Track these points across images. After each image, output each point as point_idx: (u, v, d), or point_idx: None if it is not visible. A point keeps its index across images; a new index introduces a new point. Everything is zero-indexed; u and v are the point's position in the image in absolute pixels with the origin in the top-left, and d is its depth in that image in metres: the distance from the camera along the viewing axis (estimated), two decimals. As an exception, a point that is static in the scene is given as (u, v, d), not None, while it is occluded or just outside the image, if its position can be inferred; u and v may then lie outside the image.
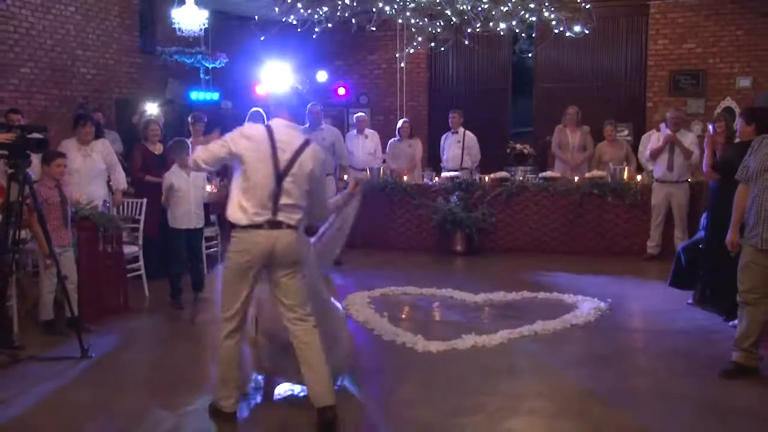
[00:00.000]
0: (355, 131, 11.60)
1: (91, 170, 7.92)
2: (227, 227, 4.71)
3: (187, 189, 7.47)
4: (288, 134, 4.54)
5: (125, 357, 6.09)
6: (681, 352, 5.99)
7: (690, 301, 7.38)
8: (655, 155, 9.35)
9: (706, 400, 4.91)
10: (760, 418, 4.65)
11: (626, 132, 12.62)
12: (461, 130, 11.30)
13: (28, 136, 5.87)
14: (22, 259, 6.60)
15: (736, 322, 5.66)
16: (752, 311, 5.27)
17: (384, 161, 11.49)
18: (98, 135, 8.32)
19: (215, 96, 13.37)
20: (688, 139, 9.38)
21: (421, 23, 11.43)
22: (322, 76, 14.24)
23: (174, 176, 7.50)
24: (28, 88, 10.38)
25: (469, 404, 4.83)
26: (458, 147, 11.23)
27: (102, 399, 5.03)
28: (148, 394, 5.13)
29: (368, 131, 11.59)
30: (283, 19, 11.20)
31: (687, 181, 9.42)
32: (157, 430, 4.57)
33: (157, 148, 8.71)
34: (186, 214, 7.50)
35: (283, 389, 5.13)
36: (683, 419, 4.63)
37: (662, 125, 9.63)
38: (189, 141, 7.87)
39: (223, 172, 8.33)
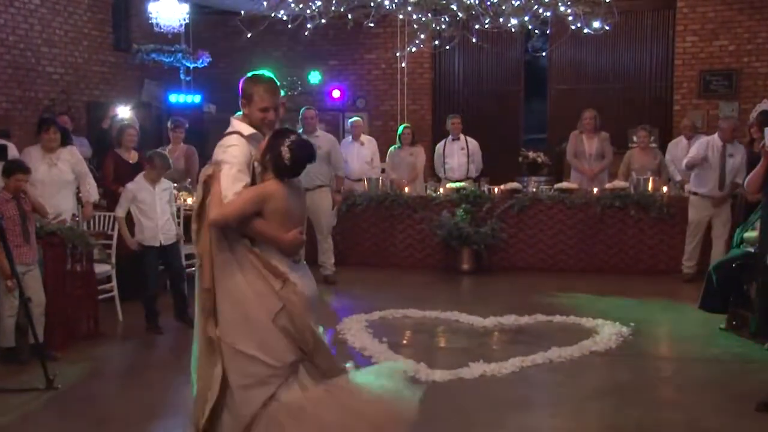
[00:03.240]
0: (350, 138, 11.62)
1: (57, 181, 7.90)
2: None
3: (152, 202, 7.47)
4: None
5: (95, 388, 6.06)
6: (714, 382, 5.98)
7: (723, 325, 7.37)
8: (692, 166, 9.21)
9: (741, 436, 4.90)
10: (801, 456, 4.64)
11: (651, 138, 12.64)
12: (462, 136, 11.32)
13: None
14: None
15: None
16: (792, 337, 5.26)
17: (383, 171, 11.50)
18: (66, 142, 8.27)
19: (197, 99, 13.42)
20: (739, 153, 9.12)
21: (424, 19, 11.46)
22: (315, 77, 14.30)
23: (137, 187, 7.50)
24: (-12, 88, 10.41)
25: (478, 440, 4.82)
26: (463, 155, 11.24)
27: (68, 434, 5.01)
28: (121, 429, 5.11)
29: (365, 138, 11.61)
30: (272, 15, 11.23)
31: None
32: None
33: (132, 156, 8.68)
34: (152, 230, 7.48)
35: None
36: (716, 457, 4.62)
37: (698, 140, 9.45)
38: (168, 149, 7.90)
39: None
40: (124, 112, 11.51)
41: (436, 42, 12.65)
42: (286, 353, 3.98)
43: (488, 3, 10.51)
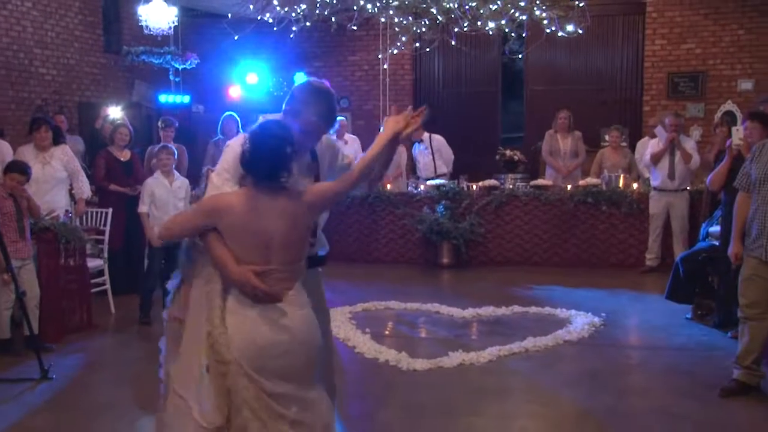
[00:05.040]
0: (334, 136, 11.61)
1: (51, 178, 7.88)
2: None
3: (167, 200, 7.47)
4: None
5: (89, 378, 6.06)
6: (680, 369, 6.03)
7: (689, 315, 7.44)
8: (657, 159, 9.38)
9: (706, 421, 4.95)
10: (763, 439, 4.71)
11: (623, 138, 12.71)
12: (425, 135, 11.35)
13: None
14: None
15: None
16: (754, 327, 5.31)
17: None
18: (58, 140, 8.25)
19: (186, 99, 13.37)
20: (689, 145, 9.49)
21: (405, 22, 11.48)
22: (300, 77, 14.26)
23: (155, 183, 7.51)
24: (-20, 89, 10.36)
25: (457, 426, 4.85)
26: (427, 155, 11.29)
27: (63, 424, 5.01)
28: (114, 418, 5.10)
29: (348, 136, 11.63)
30: (259, 17, 11.23)
31: (686, 189, 9.51)
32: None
33: (123, 155, 8.68)
34: None
35: None
36: (682, 441, 4.67)
37: (658, 129, 9.72)
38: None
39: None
40: (115, 112, 11.48)
41: (417, 44, 12.67)
42: (216, 414, 3.26)
43: (467, 7, 10.54)
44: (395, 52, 12.84)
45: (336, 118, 3.68)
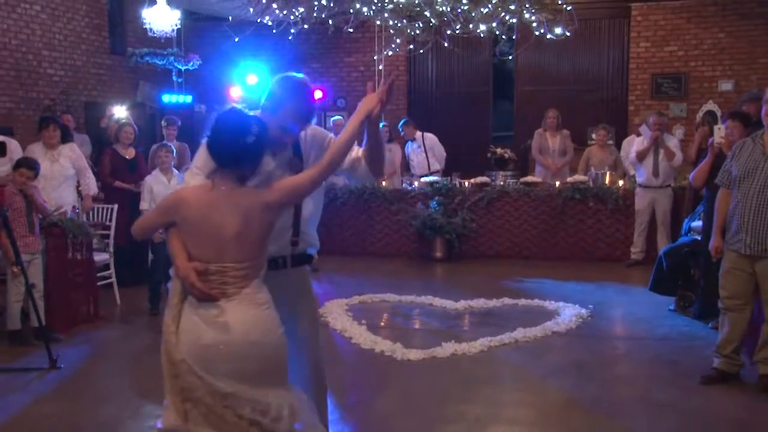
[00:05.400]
0: (332, 135, 11.62)
1: (59, 175, 7.87)
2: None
3: (165, 195, 7.46)
4: None
5: (96, 368, 6.06)
6: (663, 359, 6.06)
7: (672, 307, 7.47)
8: (641, 157, 9.41)
9: (688, 408, 4.97)
10: (741, 425, 4.73)
11: (609, 136, 12.73)
12: (418, 134, 11.37)
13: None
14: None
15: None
16: (734, 318, 5.34)
17: (362, 166, 11.50)
18: (66, 139, 8.26)
19: (188, 99, 13.36)
20: (672, 143, 9.52)
21: (399, 25, 11.47)
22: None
23: (154, 180, 7.52)
24: (-9, 90, 10.34)
25: (449, 413, 4.86)
26: (420, 153, 11.33)
27: (71, 412, 5.01)
28: (120, 406, 5.10)
29: (346, 135, 11.61)
30: (258, 20, 11.21)
31: (670, 185, 9.54)
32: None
33: (128, 153, 8.70)
34: None
35: None
36: (665, 428, 4.69)
37: (642, 127, 9.74)
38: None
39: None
40: (120, 111, 11.46)
41: (411, 46, 12.66)
42: (171, 415, 3.13)
43: (459, 10, 10.53)
44: (390, 53, 12.82)
45: (313, 112, 3.46)
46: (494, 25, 10.89)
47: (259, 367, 3.03)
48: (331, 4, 10.62)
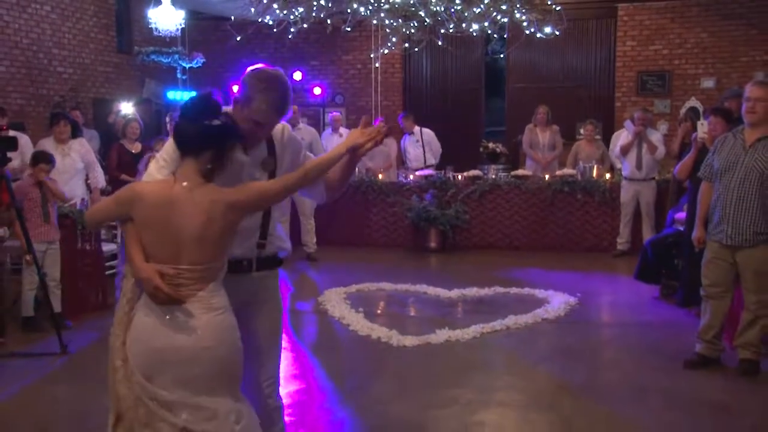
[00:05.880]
0: (330, 130, 11.63)
1: (69, 169, 7.86)
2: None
3: None
4: None
5: (103, 353, 6.03)
6: (648, 344, 6.07)
7: (656, 295, 7.48)
8: (625, 151, 9.45)
9: (671, 391, 4.99)
10: (721, 407, 4.74)
11: (597, 131, 12.74)
12: (416, 129, 11.35)
13: (5, 134, 5.90)
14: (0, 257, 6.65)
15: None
16: (715, 305, 5.35)
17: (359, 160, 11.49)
18: (76, 134, 8.25)
19: (192, 95, 13.32)
20: (655, 137, 9.54)
21: (395, 24, 11.43)
22: (298, 75, 14.23)
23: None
24: (4, 87, 10.30)
25: (443, 397, 4.87)
26: (418, 146, 11.31)
27: (80, 394, 5.01)
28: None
29: (343, 130, 11.62)
30: (259, 20, 11.18)
31: (654, 178, 9.56)
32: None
33: (135, 147, 8.73)
34: None
35: None
36: (650, 409, 4.70)
37: (627, 122, 9.76)
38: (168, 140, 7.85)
39: None
40: (126, 107, 11.42)
41: (406, 45, 12.61)
42: (111, 415, 2.93)
43: (452, 10, 10.51)
44: (386, 52, 12.80)
45: (287, 107, 3.09)
46: (486, 24, 10.88)
47: (210, 374, 2.78)
48: (329, 4, 10.60)
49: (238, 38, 11.70)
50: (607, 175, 10.20)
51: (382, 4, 10.61)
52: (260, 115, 2.96)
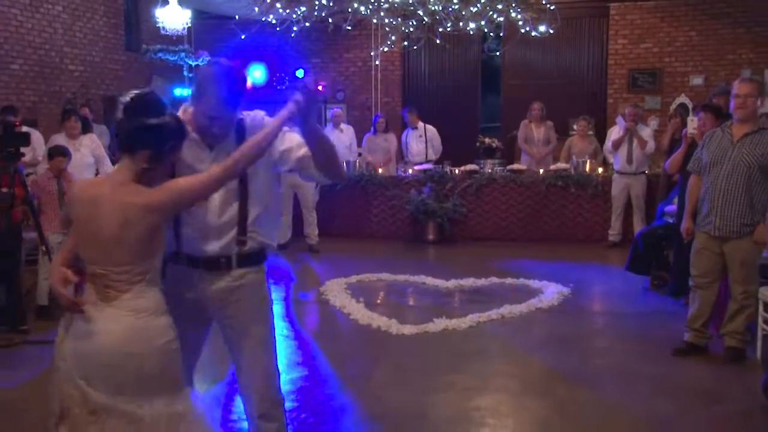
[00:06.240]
0: (331, 126, 11.60)
1: (80, 164, 7.84)
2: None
3: None
4: None
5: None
6: (638, 333, 6.09)
7: (647, 285, 7.49)
8: (617, 146, 9.47)
9: (660, 377, 5.01)
10: (708, 393, 4.77)
11: (589, 127, 12.72)
12: (420, 124, 11.34)
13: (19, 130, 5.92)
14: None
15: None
16: (703, 294, 5.37)
17: (360, 154, 11.51)
18: (86, 130, 8.26)
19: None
20: (646, 132, 9.54)
21: (394, 23, 11.42)
22: (300, 73, 14.20)
23: None
24: (17, 85, 10.30)
25: (441, 383, 4.89)
26: (421, 141, 11.29)
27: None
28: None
29: (344, 126, 11.60)
30: (263, 19, 11.16)
31: (644, 172, 9.56)
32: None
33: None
34: None
35: None
36: (640, 395, 4.72)
37: (619, 118, 9.77)
38: None
39: None
40: (135, 104, 11.41)
41: (405, 43, 12.60)
42: (52, 415, 2.78)
43: (450, 9, 10.49)
44: (386, 49, 12.77)
45: (239, 99, 2.88)
46: (483, 23, 10.86)
47: (132, 378, 2.62)
48: (331, 4, 10.58)
49: (243, 37, 11.70)
50: (600, 170, 10.20)
51: (382, 4, 10.60)
52: (211, 109, 2.82)
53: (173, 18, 11.41)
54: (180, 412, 2.70)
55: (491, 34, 12.83)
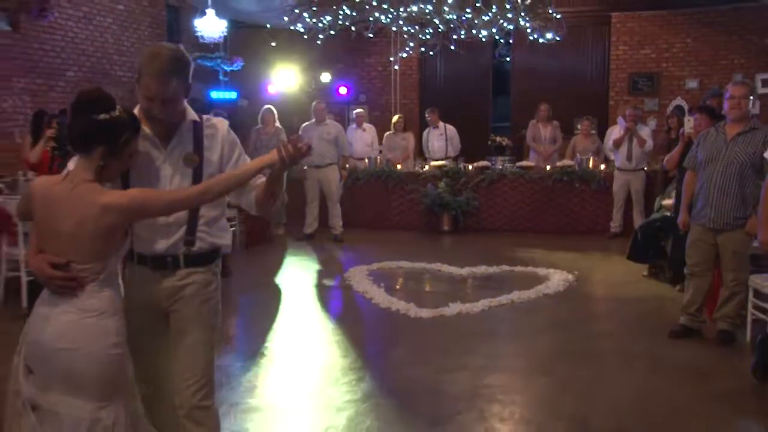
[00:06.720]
0: (354, 125, 11.63)
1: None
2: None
3: None
4: None
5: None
6: (637, 317, 6.08)
7: (645, 273, 7.46)
8: (618, 144, 9.41)
9: (657, 357, 5.00)
10: (701, 372, 4.76)
11: (592, 126, 12.64)
12: (441, 124, 11.32)
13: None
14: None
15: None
16: (697, 282, 5.35)
17: (380, 152, 11.52)
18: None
19: (233, 95, 13.37)
20: (645, 132, 9.48)
21: (412, 31, 11.40)
22: (325, 77, 14.21)
23: None
24: (72, 89, 10.41)
25: (455, 363, 4.90)
26: (441, 139, 11.28)
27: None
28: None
29: (366, 125, 11.62)
30: (292, 27, 11.19)
31: (643, 169, 9.50)
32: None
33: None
34: None
35: None
36: (638, 373, 4.73)
37: (620, 119, 9.71)
38: None
39: None
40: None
41: (422, 49, 12.56)
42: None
43: (463, 18, 10.46)
44: (404, 55, 12.76)
45: (174, 77, 2.57)
46: (494, 30, 10.81)
47: (63, 375, 2.42)
48: (354, 13, 10.57)
49: (273, 44, 11.74)
50: (602, 166, 10.15)
51: (400, 13, 10.58)
52: (148, 90, 2.56)
53: (211, 27, 11.45)
54: (104, 421, 2.44)
55: (502, 40, 12.75)
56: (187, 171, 2.69)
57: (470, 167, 10.61)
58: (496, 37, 11.62)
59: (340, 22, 10.79)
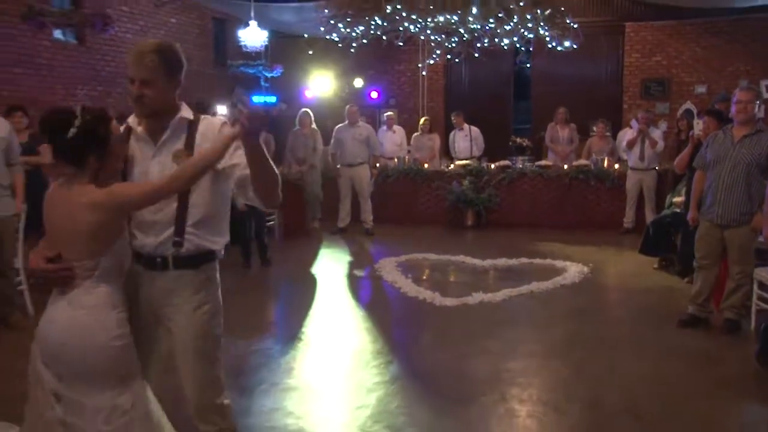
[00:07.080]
0: (385, 127, 11.66)
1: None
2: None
3: None
4: None
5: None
6: (648, 306, 6.03)
7: (656, 266, 7.40)
8: (631, 145, 9.33)
9: (666, 344, 4.98)
10: (707, 357, 4.74)
11: (607, 128, 12.53)
12: (466, 126, 11.31)
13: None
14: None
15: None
16: (705, 274, 5.31)
17: (409, 152, 11.54)
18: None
19: (273, 99, 13.48)
20: (656, 134, 9.39)
21: (439, 39, 11.40)
22: (358, 82, 14.26)
23: None
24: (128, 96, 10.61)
25: (477, 348, 4.93)
26: (466, 140, 11.26)
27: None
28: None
29: (396, 127, 11.64)
30: (327, 37, 11.26)
31: (655, 168, 9.40)
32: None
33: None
34: None
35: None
36: (648, 358, 4.71)
37: (633, 122, 9.63)
38: None
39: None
40: (221, 109, 11.63)
41: (448, 56, 12.55)
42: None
43: (487, 27, 10.44)
44: (431, 62, 12.76)
45: (167, 75, 2.54)
46: (515, 39, 10.77)
47: (72, 369, 2.38)
48: (385, 24, 10.61)
49: (310, 52, 11.82)
50: (616, 166, 10.06)
51: (428, 23, 10.59)
52: (129, 71, 2.49)
53: (253, 37, 11.56)
54: (122, 406, 2.40)
55: (522, 48, 12.68)
56: (176, 167, 2.50)
57: (492, 166, 10.57)
58: (517, 45, 11.57)
59: (372, 32, 10.83)
